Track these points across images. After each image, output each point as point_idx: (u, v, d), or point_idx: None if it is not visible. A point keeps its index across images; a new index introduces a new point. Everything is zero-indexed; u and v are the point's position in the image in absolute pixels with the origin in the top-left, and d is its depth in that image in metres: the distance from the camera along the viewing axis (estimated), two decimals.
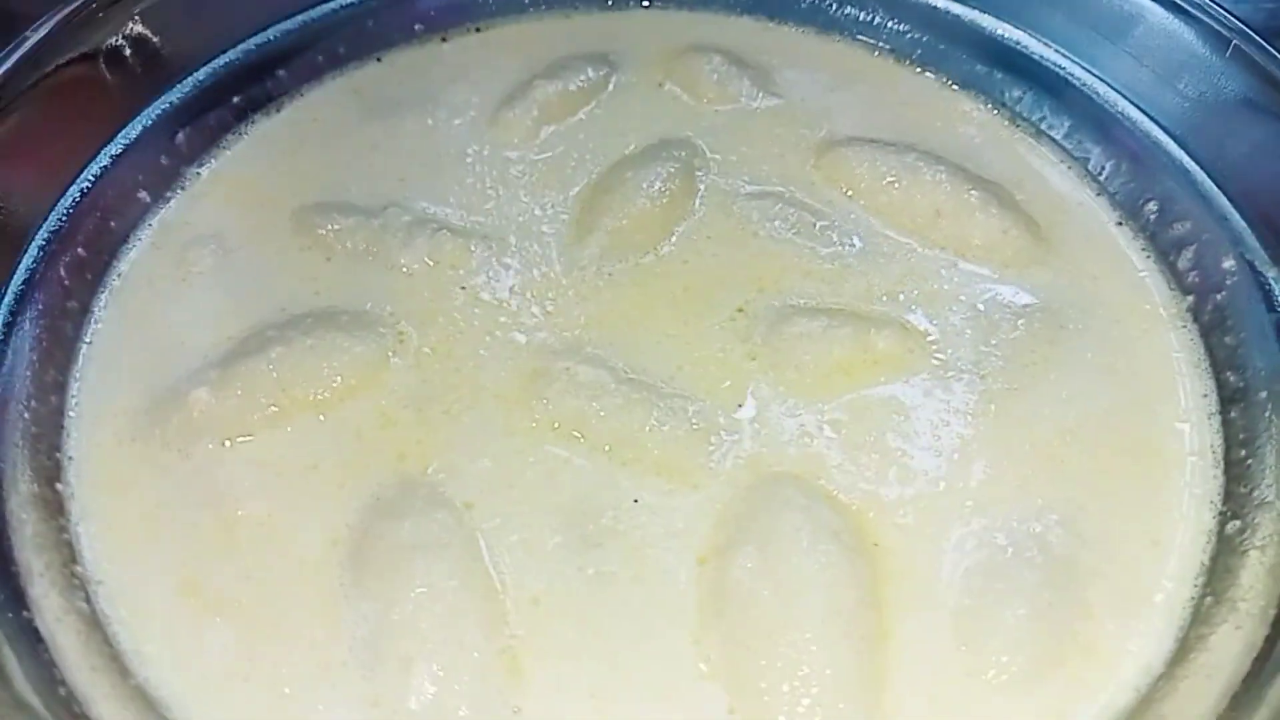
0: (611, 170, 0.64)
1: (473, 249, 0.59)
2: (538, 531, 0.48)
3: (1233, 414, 0.53)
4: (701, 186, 0.63)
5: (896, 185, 0.62)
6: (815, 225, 0.61)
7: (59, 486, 0.49)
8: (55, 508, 0.48)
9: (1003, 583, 0.47)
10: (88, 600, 0.45)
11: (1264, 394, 0.52)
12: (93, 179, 0.58)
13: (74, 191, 0.57)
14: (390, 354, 0.54)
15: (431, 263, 0.58)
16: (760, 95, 0.69)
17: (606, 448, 0.51)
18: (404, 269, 0.58)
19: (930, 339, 0.56)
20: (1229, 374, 0.54)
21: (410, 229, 0.59)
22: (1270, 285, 0.54)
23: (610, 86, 0.70)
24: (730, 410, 0.53)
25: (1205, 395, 0.54)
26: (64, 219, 0.56)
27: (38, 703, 0.39)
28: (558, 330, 0.56)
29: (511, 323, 0.56)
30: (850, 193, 0.63)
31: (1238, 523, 0.48)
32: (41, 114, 0.56)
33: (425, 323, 0.56)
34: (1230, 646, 0.43)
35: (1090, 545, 0.48)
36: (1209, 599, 0.46)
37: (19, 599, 0.43)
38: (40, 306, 0.53)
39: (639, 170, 0.63)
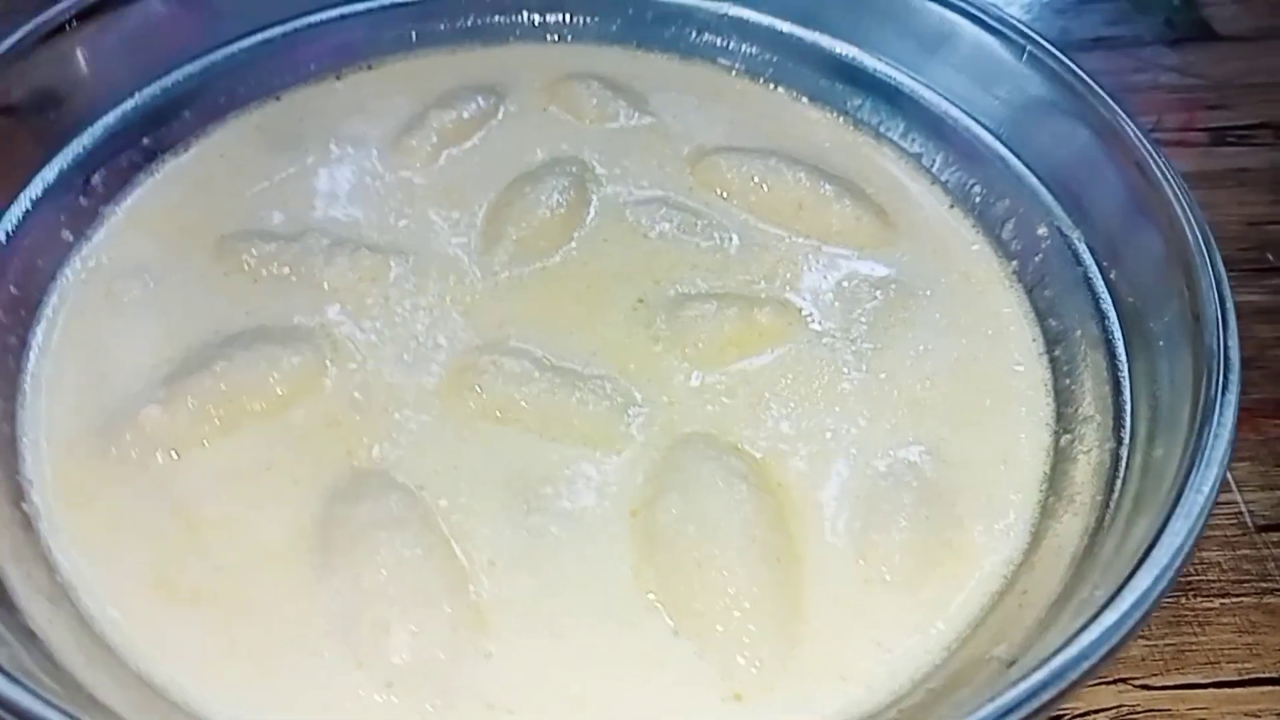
0: (511, 186, 0.70)
1: (391, 264, 0.64)
2: (485, 503, 0.53)
3: (1056, 352, 0.63)
4: (594, 197, 0.71)
5: (763, 185, 0.71)
6: (697, 224, 0.69)
7: (25, 506, 0.51)
8: (26, 524, 0.50)
9: (887, 504, 0.55)
10: (72, 604, 0.48)
11: (1078, 333, 0.62)
12: (15, 222, 0.61)
13: None
14: (327, 361, 0.59)
15: (355, 278, 0.63)
16: (636, 115, 0.77)
17: (537, 427, 0.57)
18: (328, 286, 0.63)
19: (805, 312, 0.65)
20: (1050, 320, 0.65)
21: (330, 250, 0.64)
22: (1076, 246, 0.65)
23: (500, 113, 0.76)
24: (642, 385, 0.60)
25: (1034, 340, 0.64)
26: None
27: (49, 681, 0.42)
28: (479, 329, 0.62)
29: (436, 326, 0.62)
30: (724, 194, 0.72)
31: (1069, 436, 0.58)
32: None
33: (354, 333, 0.61)
34: (1071, 530, 0.53)
35: (954, 468, 0.57)
36: (1051, 498, 0.56)
37: (10, 605, 0.45)
38: None
39: (536, 185, 0.69)
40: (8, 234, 0.60)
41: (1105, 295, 0.62)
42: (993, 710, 0.39)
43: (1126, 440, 0.55)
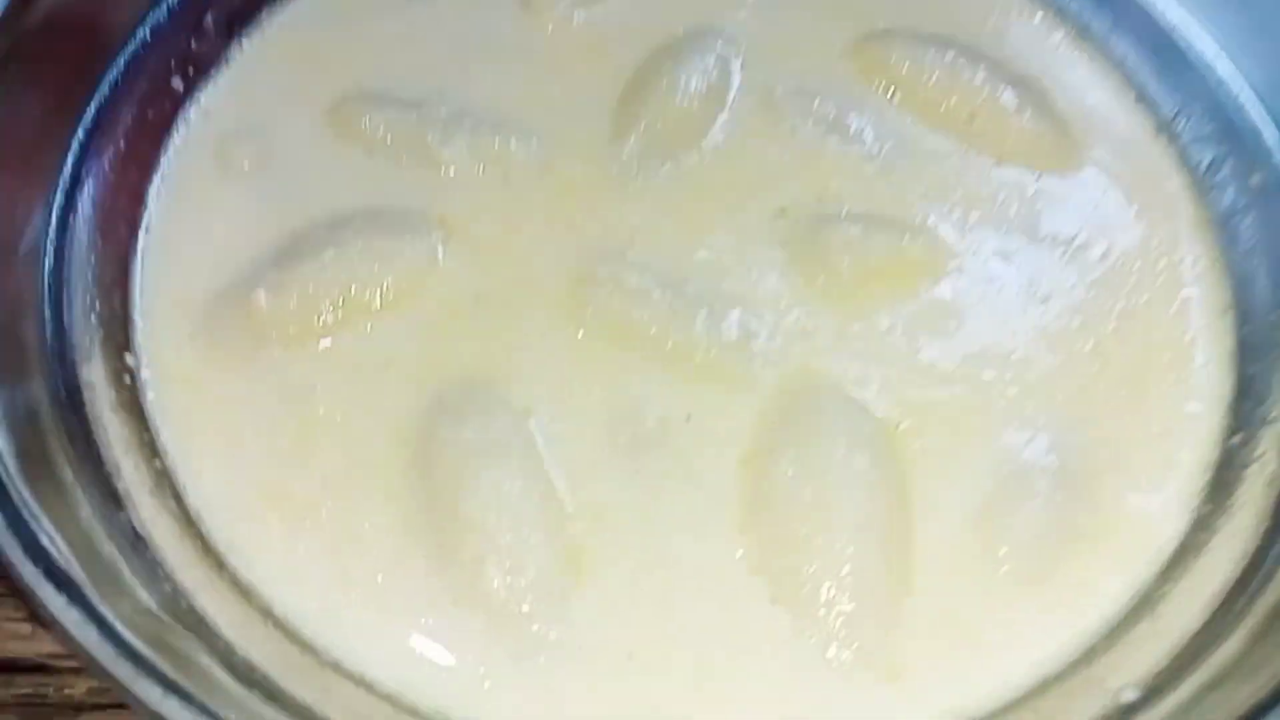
0: (648, 61, 0.63)
1: (513, 145, 0.59)
2: (592, 437, 0.51)
3: (1244, 332, 0.56)
4: (739, 80, 0.63)
5: (935, 84, 0.62)
6: (853, 124, 0.61)
7: (132, 386, 0.51)
8: (134, 409, 0.50)
9: (1021, 491, 0.51)
10: (178, 500, 0.48)
11: (1275, 316, 0.54)
12: (121, 69, 0.57)
13: (106, 83, 0.56)
14: (439, 255, 0.55)
15: (472, 159, 0.59)
16: None
17: (653, 353, 0.53)
18: (444, 166, 0.58)
19: (961, 248, 0.58)
20: (1245, 292, 0.57)
21: (448, 124, 0.59)
22: None
23: None
24: (771, 315, 0.55)
25: (1223, 313, 0.57)
26: (100, 110, 0.56)
27: (146, 596, 0.42)
28: (602, 232, 0.57)
29: (556, 224, 0.57)
30: (889, 90, 0.63)
31: (1241, 437, 0.52)
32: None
33: (470, 224, 0.57)
34: (1225, 552, 0.48)
35: (1103, 458, 0.52)
36: (1208, 509, 0.51)
37: (115, 499, 0.46)
38: (94, 201, 0.53)
39: (676, 63, 0.62)
40: (114, 83, 0.56)
41: None
42: None
43: None
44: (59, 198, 0.52)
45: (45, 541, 0.39)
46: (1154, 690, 0.42)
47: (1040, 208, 0.60)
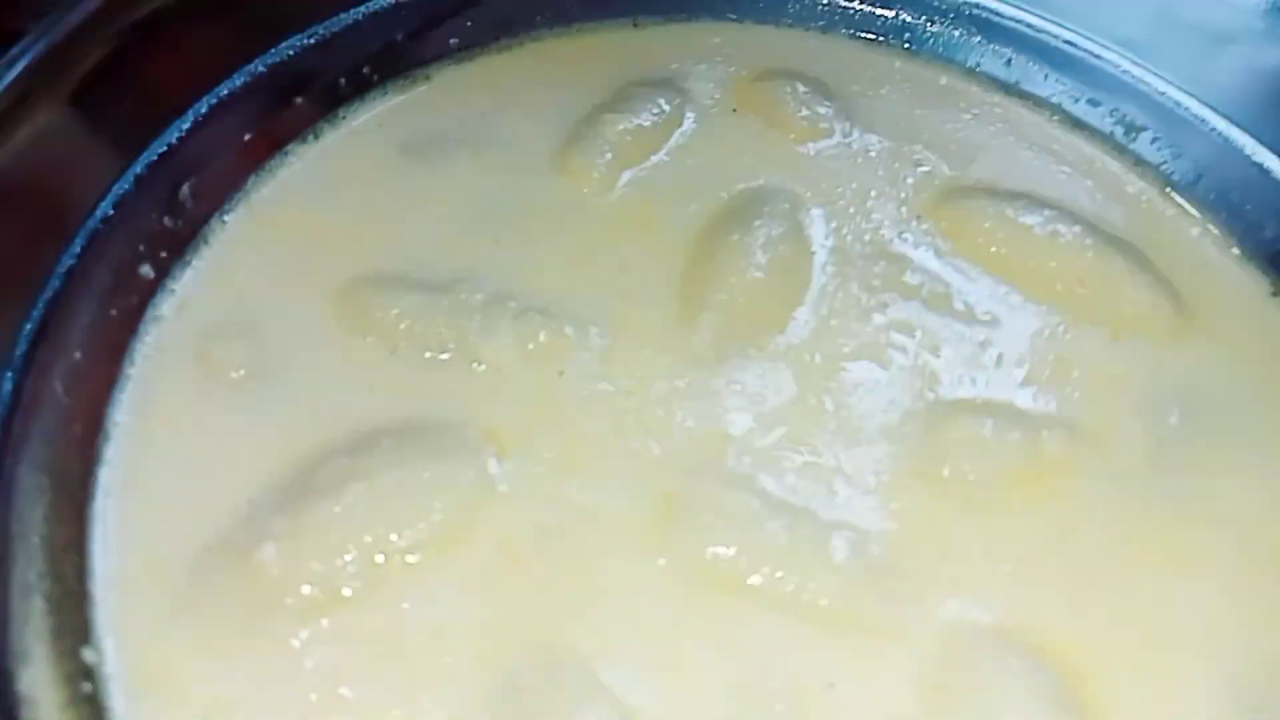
0: (709, 227, 0.54)
1: (569, 334, 0.49)
2: None
3: None
4: (814, 249, 0.55)
5: (1034, 248, 0.55)
6: (950, 296, 0.54)
7: (92, 695, 0.37)
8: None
9: None
10: None
11: None
12: (79, 249, 0.45)
13: (57, 275, 0.44)
14: (494, 480, 0.44)
15: (520, 354, 0.48)
16: (856, 132, 0.61)
17: (769, 600, 0.42)
18: (486, 363, 0.48)
19: (1102, 438, 0.49)
20: None
21: (488, 310, 0.49)
22: None
23: (686, 121, 0.60)
24: (905, 538, 0.45)
25: None
26: (49, 309, 0.44)
27: None
28: (688, 439, 0.47)
29: (627, 431, 0.47)
30: (979, 255, 0.56)
31: None
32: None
33: (524, 435, 0.46)
34: None
35: None
36: None
37: None
38: (43, 435, 0.41)
39: (743, 230, 0.53)
40: (67, 274, 0.44)
41: None
42: None
43: None
44: None
45: None
46: None
47: (1169, 385, 0.52)
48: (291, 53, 0.55)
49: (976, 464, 0.47)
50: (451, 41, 0.60)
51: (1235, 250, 0.58)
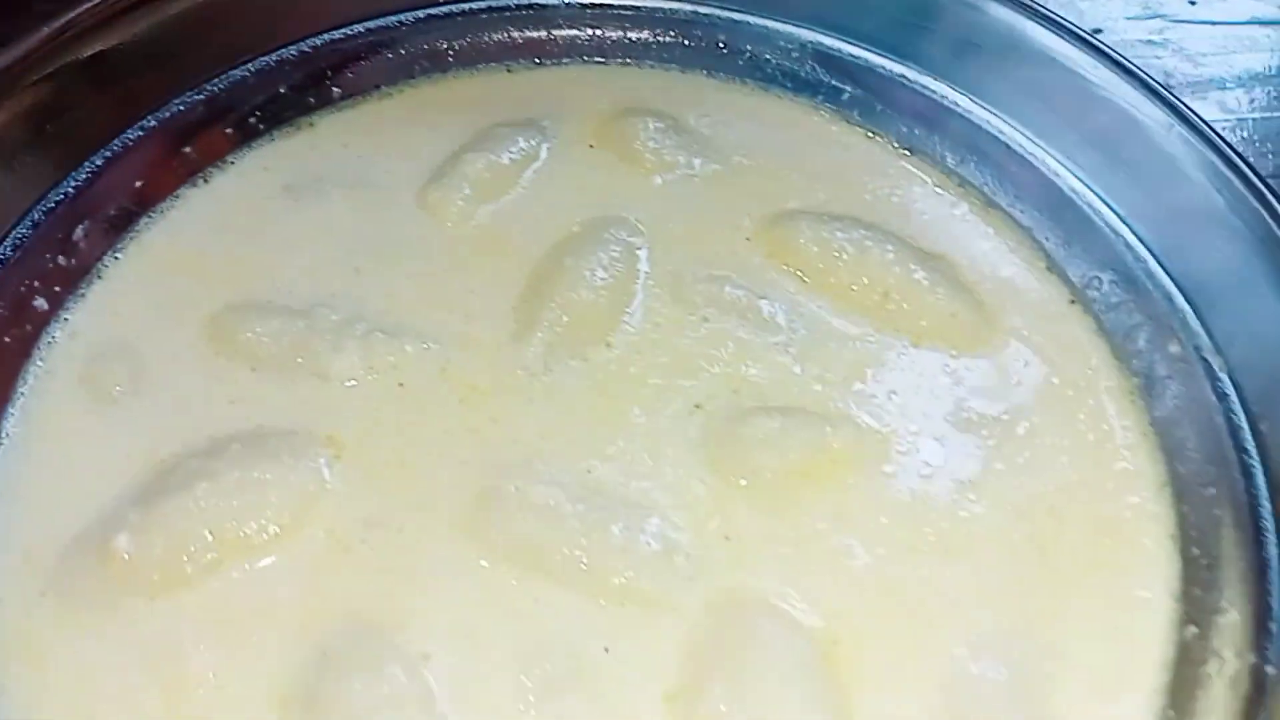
0: (549, 255, 0.61)
1: (409, 352, 0.56)
2: (498, 682, 0.45)
3: (1184, 508, 0.53)
4: (644, 271, 0.61)
5: (845, 265, 0.61)
6: (764, 310, 0.59)
7: None
8: None
9: (970, 703, 0.46)
10: None
11: (1214, 490, 0.52)
12: None
13: None
14: (326, 480, 0.51)
15: (365, 369, 0.55)
16: (698, 162, 0.67)
17: (565, 577, 0.49)
18: (335, 378, 0.55)
19: (886, 434, 0.55)
20: (1178, 465, 0.54)
21: (339, 331, 0.56)
22: (1219, 378, 0.54)
23: (542, 155, 0.67)
24: (691, 523, 0.51)
25: (1161, 486, 0.54)
26: None
27: None
28: (507, 441, 0.53)
29: (457, 436, 0.53)
30: (799, 272, 0.61)
31: (1194, 631, 0.49)
32: None
33: (362, 440, 0.53)
34: None
35: (1054, 664, 0.48)
36: (1172, 715, 0.47)
37: None
38: None
39: (578, 256, 0.60)
40: None
41: (1253, 449, 0.52)
42: None
43: (1276, 656, 0.45)
44: None
45: None
46: None
47: (962, 386, 0.58)
48: (182, 107, 0.62)
49: (767, 460, 0.53)
50: (334, 91, 0.67)
51: (1043, 264, 0.64)
